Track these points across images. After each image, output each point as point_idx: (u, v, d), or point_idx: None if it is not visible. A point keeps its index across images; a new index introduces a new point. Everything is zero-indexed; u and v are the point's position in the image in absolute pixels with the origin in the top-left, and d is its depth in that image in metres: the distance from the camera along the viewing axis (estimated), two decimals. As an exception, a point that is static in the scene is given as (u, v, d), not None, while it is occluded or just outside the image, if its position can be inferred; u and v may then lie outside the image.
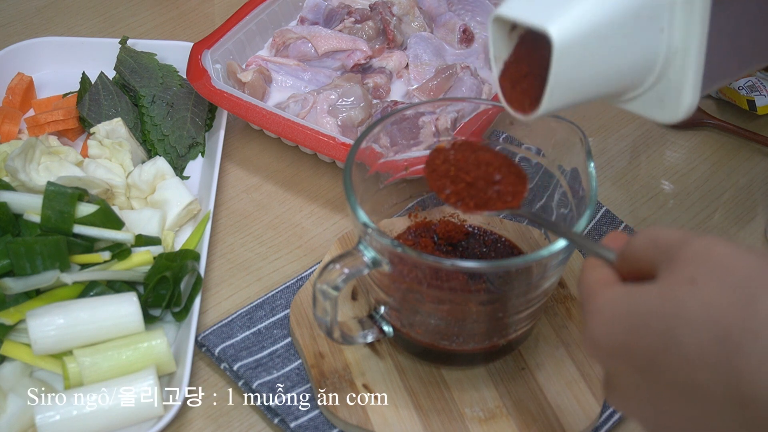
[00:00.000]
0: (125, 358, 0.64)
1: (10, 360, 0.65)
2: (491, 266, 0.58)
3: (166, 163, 0.79)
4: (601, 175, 0.84)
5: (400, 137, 0.67)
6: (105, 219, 0.70)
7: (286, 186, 0.83)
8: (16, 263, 0.66)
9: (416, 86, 0.88)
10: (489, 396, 0.64)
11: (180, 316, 0.69)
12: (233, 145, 0.87)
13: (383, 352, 0.66)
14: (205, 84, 0.82)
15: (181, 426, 0.65)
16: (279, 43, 0.91)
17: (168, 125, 0.83)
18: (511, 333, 0.62)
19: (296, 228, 0.80)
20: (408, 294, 0.59)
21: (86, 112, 0.84)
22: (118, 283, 0.69)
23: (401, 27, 0.92)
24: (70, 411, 0.61)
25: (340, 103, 0.82)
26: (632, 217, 0.80)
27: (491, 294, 0.61)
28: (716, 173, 0.85)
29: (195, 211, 0.78)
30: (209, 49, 0.85)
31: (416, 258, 0.55)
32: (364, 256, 0.56)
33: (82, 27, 1.02)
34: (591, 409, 0.63)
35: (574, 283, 0.70)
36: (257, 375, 0.65)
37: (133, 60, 0.89)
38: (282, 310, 0.70)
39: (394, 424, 0.62)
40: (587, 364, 0.65)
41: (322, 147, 0.77)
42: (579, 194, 0.60)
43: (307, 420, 0.63)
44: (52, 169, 0.74)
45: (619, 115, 0.91)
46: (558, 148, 0.64)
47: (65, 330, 0.63)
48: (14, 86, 0.89)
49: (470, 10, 0.95)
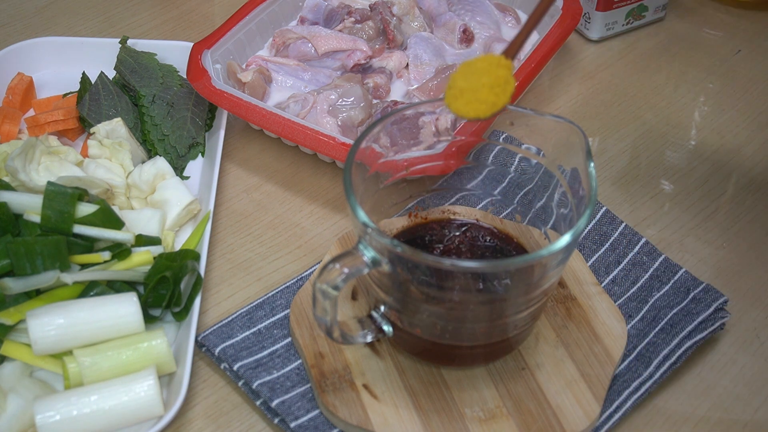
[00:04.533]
0: (125, 358, 0.64)
1: (10, 360, 0.65)
2: (491, 266, 0.58)
3: (166, 163, 0.79)
4: (601, 175, 0.84)
5: (400, 137, 0.67)
6: (105, 219, 0.70)
7: (286, 186, 0.83)
8: (16, 263, 0.66)
9: (416, 86, 0.88)
10: (489, 396, 0.64)
11: (180, 316, 0.69)
12: (233, 145, 0.87)
13: (383, 352, 0.66)
14: (205, 84, 0.82)
15: (181, 426, 0.65)
16: (279, 43, 0.91)
17: (168, 125, 0.83)
18: (511, 333, 0.62)
19: (296, 228, 0.80)
20: (407, 294, 0.59)
21: (86, 112, 0.84)
22: (118, 283, 0.69)
23: (401, 27, 0.92)
24: (70, 411, 0.61)
25: (340, 103, 0.82)
26: (632, 217, 0.80)
27: (491, 294, 0.61)
28: (716, 173, 0.85)
29: (195, 211, 0.78)
30: (209, 49, 0.85)
31: (416, 258, 0.55)
32: (363, 255, 0.56)
33: (82, 27, 1.02)
34: (591, 409, 0.63)
35: (574, 283, 0.70)
36: (257, 375, 0.65)
37: (133, 60, 0.89)
38: (282, 310, 0.70)
39: (394, 424, 0.62)
40: (587, 364, 0.65)
41: (322, 147, 0.77)
42: (579, 194, 0.60)
43: (307, 420, 0.63)
44: (52, 169, 0.74)
45: (619, 115, 0.91)
46: (558, 148, 0.64)
47: (65, 330, 0.63)
48: (14, 86, 0.89)
49: (470, 10, 0.95)
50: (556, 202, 0.65)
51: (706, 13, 1.04)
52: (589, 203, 0.57)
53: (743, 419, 0.66)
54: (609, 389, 0.65)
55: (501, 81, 0.56)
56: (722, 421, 0.66)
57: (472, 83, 0.56)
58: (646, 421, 0.65)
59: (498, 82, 0.56)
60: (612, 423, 0.64)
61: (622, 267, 0.73)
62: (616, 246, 0.74)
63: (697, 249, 0.78)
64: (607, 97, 0.93)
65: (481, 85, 0.56)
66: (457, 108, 0.56)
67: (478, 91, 0.56)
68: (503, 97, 0.56)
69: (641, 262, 0.73)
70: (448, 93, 0.57)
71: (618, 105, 0.92)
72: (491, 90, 0.56)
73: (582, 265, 0.72)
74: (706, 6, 1.05)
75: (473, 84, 0.56)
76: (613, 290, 0.71)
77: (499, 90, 0.56)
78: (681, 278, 0.71)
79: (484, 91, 0.56)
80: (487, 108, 0.56)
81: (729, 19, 1.04)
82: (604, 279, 0.72)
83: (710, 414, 0.66)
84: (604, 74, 0.96)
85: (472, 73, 0.56)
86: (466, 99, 0.56)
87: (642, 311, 0.70)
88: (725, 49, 1.00)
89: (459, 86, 0.56)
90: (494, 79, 0.56)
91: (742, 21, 1.03)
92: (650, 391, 0.65)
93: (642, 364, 0.66)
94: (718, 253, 0.77)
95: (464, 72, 0.57)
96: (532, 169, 0.68)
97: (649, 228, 0.79)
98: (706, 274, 0.75)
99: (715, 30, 1.02)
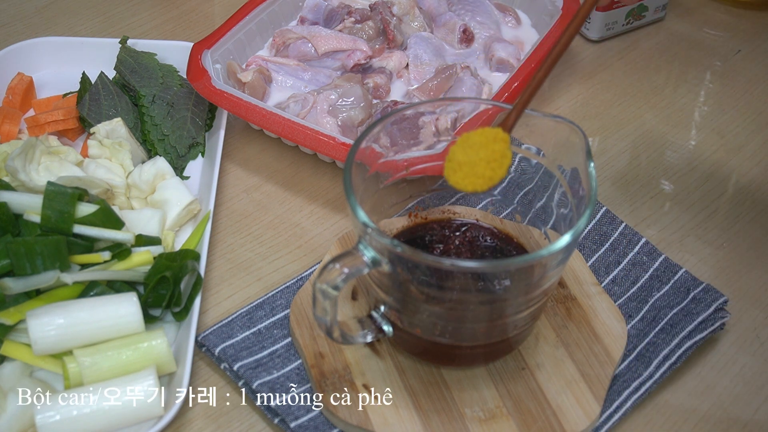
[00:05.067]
0: (125, 358, 0.64)
1: (10, 360, 0.65)
2: (491, 266, 0.58)
3: (166, 163, 0.79)
4: (601, 175, 0.84)
5: (400, 137, 0.67)
6: (105, 219, 0.70)
7: (286, 186, 0.83)
8: (16, 263, 0.66)
9: (416, 86, 0.88)
10: (489, 396, 0.64)
11: (180, 316, 0.69)
12: (233, 145, 0.87)
13: (383, 352, 0.66)
14: (205, 84, 0.82)
15: (181, 426, 0.65)
16: (279, 43, 0.91)
17: (168, 125, 0.83)
18: (511, 333, 0.62)
19: (296, 228, 0.80)
20: (407, 294, 0.59)
21: (86, 112, 0.84)
22: (118, 283, 0.69)
23: (401, 27, 0.92)
24: (70, 411, 0.61)
25: (340, 103, 0.82)
26: (632, 217, 0.80)
27: (491, 294, 0.61)
28: (716, 173, 0.85)
29: (195, 211, 0.78)
30: (209, 49, 0.85)
31: (416, 258, 0.55)
32: (363, 255, 0.56)
33: (82, 27, 1.02)
34: (591, 409, 0.63)
35: (574, 283, 0.70)
36: (257, 375, 0.65)
37: (133, 60, 0.89)
38: (282, 310, 0.70)
39: (394, 424, 0.62)
40: (587, 364, 0.65)
41: (322, 147, 0.77)
42: (579, 194, 0.60)
43: (307, 420, 0.63)
44: (52, 169, 0.74)
45: (619, 115, 0.91)
46: (558, 148, 0.64)
47: (65, 330, 0.63)
48: (14, 86, 0.89)
49: (470, 10, 0.95)
50: (556, 202, 0.65)
51: (706, 13, 1.04)
52: (589, 203, 0.58)
53: (743, 419, 0.66)
54: (609, 389, 0.65)
55: (498, 156, 0.57)
56: (722, 420, 0.66)
57: (470, 157, 0.57)
58: (646, 421, 0.65)
59: (495, 156, 0.57)
60: (612, 423, 0.64)
61: (622, 267, 0.73)
62: (616, 246, 0.74)
63: (697, 249, 0.78)
64: (607, 97, 0.93)
65: (479, 159, 0.57)
66: (455, 181, 0.58)
67: (476, 165, 0.57)
68: (500, 171, 0.57)
69: (641, 262, 0.73)
70: (447, 165, 0.58)
71: (618, 105, 0.92)
72: (488, 165, 0.57)
73: (582, 265, 0.72)
74: (706, 6, 1.05)
75: (471, 158, 0.57)
76: (613, 290, 0.71)
77: (496, 165, 0.57)
78: (681, 278, 0.71)
79: (482, 165, 0.57)
80: (484, 182, 0.57)
81: (729, 19, 1.04)
82: (604, 279, 0.72)
83: (710, 414, 0.66)
84: (604, 74, 0.96)
85: (470, 147, 0.57)
86: (464, 173, 0.57)
87: (642, 311, 0.70)
88: (725, 49, 1.00)
89: (457, 159, 0.57)
90: (491, 153, 0.57)
91: (742, 21, 1.03)
92: (650, 391, 0.65)
93: (642, 364, 0.66)
94: (718, 253, 0.77)
95: (462, 145, 0.58)
96: (532, 169, 0.68)
97: (649, 228, 0.79)
98: (706, 274, 0.75)
99: (715, 30, 1.02)
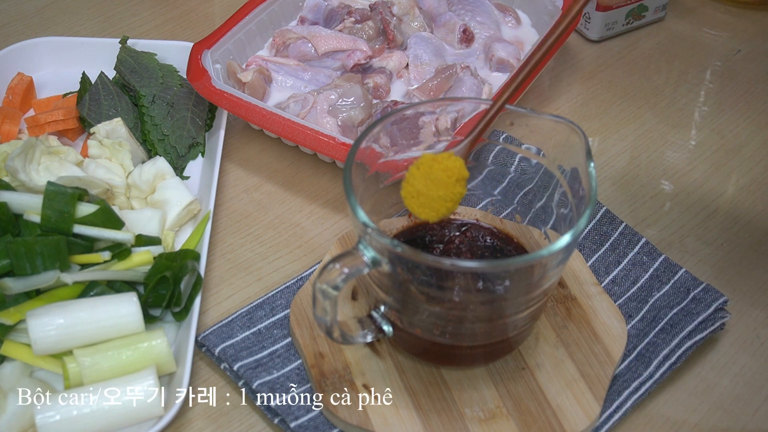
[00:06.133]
0: (125, 358, 0.64)
1: (10, 360, 0.65)
2: (491, 266, 0.58)
3: (166, 163, 0.79)
4: (601, 175, 0.84)
5: (400, 137, 0.67)
6: (105, 219, 0.70)
7: (286, 186, 0.83)
8: (16, 263, 0.66)
9: (416, 86, 0.88)
10: (489, 396, 0.64)
11: (180, 316, 0.69)
12: (233, 145, 0.87)
13: (383, 352, 0.66)
14: (205, 84, 0.82)
15: (181, 426, 0.65)
16: (279, 43, 0.91)
17: (168, 125, 0.83)
18: (511, 333, 0.62)
19: (296, 228, 0.80)
20: (407, 294, 0.59)
21: (86, 112, 0.84)
22: (118, 283, 0.69)
23: (401, 27, 0.92)
24: (70, 411, 0.61)
25: (340, 103, 0.82)
26: (632, 217, 0.80)
27: (491, 294, 0.61)
28: (716, 173, 0.85)
29: (195, 211, 0.78)
30: (209, 49, 0.85)
31: (416, 258, 0.55)
32: (363, 255, 0.56)
33: (82, 27, 1.02)
34: (591, 409, 0.63)
35: (574, 283, 0.70)
36: (257, 375, 0.65)
37: (133, 60, 0.89)
38: (282, 310, 0.70)
39: (394, 424, 0.62)
40: (587, 364, 0.65)
41: (322, 147, 0.77)
42: (579, 194, 0.60)
43: (307, 420, 0.63)
44: (52, 169, 0.74)
45: (620, 115, 0.91)
46: (558, 148, 0.64)
47: (65, 330, 0.63)
48: (14, 86, 0.89)
49: (470, 10, 0.95)
50: (556, 202, 0.65)
51: (706, 13, 1.04)
52: (589, 203, 0.58)
53: (743, 419, 0.66)
54: (609, 389, 0.65)
55: (456, 197, 0.59)
56: (722, 420, 0.66)
57: (430, 191, 0.58)
58: (646, 421, 0.65)
59: (453, 198, 0.59)
60: (612, 423, 0.64)
61: (622, 267, 0.73)
62: (616, 246, 0.74)
63: (697, 249, 0.78)
64: (607, 97, 0.93)
65: (438, 197, 0.58)
66: (410, 206, 0.59)
67: (434, 201, 0.59)
68: (453, 208, 0.59)
69: (641, 262, 0.73)
70: (405, 186, 0.59)
71: (618, 105, 0.92)
72: (444, 204, 0.59)
73: (582, 265, 0.72)
74: (706, 6, 1.05)
75: (431, 192, 0.58)
76: (613, 290, 0.71)
77: (452, 205, 0.59)
78: (681, 278, 0.71)
79: (439, 202, 0.58)
80: (436, 215, 0.59)
81: (729, 19, 1.04)
82: (604, 279, 0.72)
83: (710, 414, 0.66)
84: (604, 74, 0.96)
85: (432, 181, 0.58)
86: (420, 202, 0.59)
87: (642, 311, 0.70)
88: (725, 49, 1.00)
89: (417, 189, 0.59)
90: (450, 194, 0.58)
91: (742, 21, 1.03)
92: (650, 391, 0.65)
93: (642, 364, 0.66)
94: (718, 253, 0.77)
95: (425, 174, 0.58)
96: (532, 169, 0.68)
97: (649, 228, 0.79)
98: (706, 274, 0.75)
99: (715, 30, 1.02)
